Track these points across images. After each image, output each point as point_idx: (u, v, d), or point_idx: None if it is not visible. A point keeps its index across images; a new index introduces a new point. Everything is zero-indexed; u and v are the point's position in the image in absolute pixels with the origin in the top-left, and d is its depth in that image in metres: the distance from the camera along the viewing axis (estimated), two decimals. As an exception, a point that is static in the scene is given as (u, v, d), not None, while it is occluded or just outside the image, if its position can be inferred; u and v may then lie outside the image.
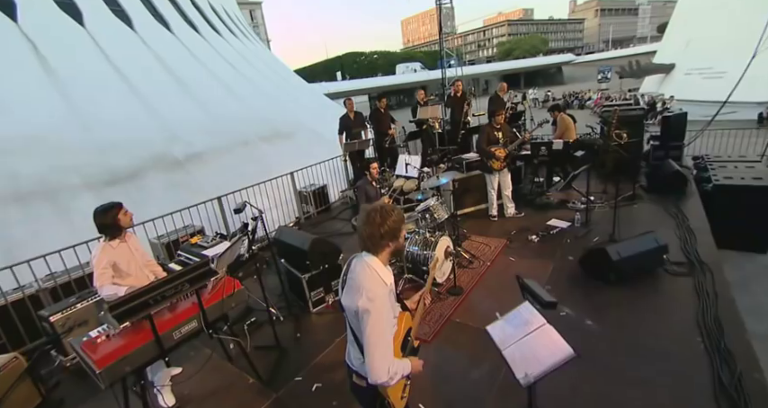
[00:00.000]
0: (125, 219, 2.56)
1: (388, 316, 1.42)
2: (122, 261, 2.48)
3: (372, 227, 1.43)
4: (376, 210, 1.46)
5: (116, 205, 2.57)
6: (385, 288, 1.43)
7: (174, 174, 8.28)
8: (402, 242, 1.55)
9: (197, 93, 10.73)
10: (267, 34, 61.99)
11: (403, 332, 1.55)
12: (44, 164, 6.73)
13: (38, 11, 8.67)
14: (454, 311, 3.38)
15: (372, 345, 1.34)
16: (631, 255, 3.34)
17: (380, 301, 1.37)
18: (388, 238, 1.46)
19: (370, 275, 1.43)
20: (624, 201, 5.24)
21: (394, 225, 1.45)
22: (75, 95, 8.05)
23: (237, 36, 15.42)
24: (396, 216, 1.47)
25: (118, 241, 2.51)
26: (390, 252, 1.50)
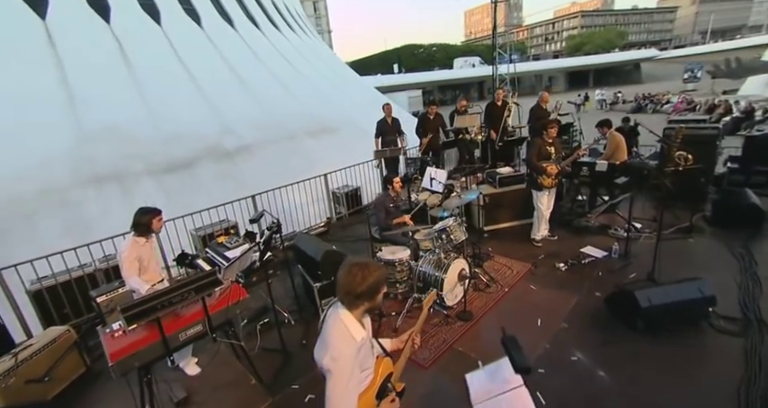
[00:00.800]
0: (158, 225, 2.89)
1: (354, 375, 1.40)
2: (145, 258, 2.80)
3: (351, 285, 1.42)
4: (359, 266, 1.45)
5: (156, 211, 2.92)
6: (353, 345, 1.42)
7: (223, 165, 8.91)
8: (379, 302, 1.52)
9: (253, 88, 11.34)
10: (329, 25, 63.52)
11: (380, 379, 1.55)
12: (117, 151, 7.61)
13: (126, 12, 9.68)
14: (459, 338, 3.30)
15: (331, 406, 1.34)
16: (666, 304, 3.00)
17: (344, 361, 1.37)
18: (366, 298, 1.44)
19: (340, 331, 1.42)
20: (678, 234, 4.70)
21: (374, 285, 1.44)
22: (149, 93, 8.93)
23: (295, 31, 15.96)
24: (378, 275, 1.46)
25: (145, 240, 2.81)
26: (366, 309, 1.49)
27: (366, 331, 1.53)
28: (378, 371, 1.57)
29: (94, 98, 8.03)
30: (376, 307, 1.53)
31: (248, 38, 12.58)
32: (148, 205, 2.96)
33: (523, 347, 3.03)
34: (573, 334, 3.20)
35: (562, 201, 5.86)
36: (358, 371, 1.43)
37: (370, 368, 1.55)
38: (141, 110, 8.54)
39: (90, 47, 8.73)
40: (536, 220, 4.82)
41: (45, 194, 6.72)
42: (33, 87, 7.62)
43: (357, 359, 1.42)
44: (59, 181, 6.92)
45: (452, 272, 3.55)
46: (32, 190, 6.71)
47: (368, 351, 1.53)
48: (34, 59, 8.05)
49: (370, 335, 1.57)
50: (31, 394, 2.96)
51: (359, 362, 1.44)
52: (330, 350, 1.37)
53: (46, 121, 7.41)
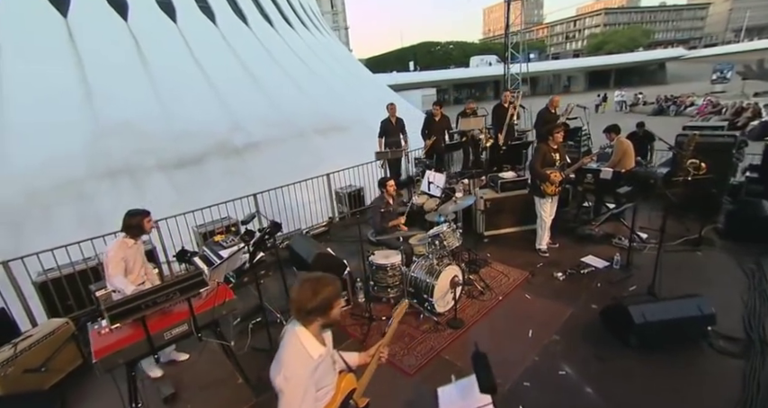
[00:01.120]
0: (148, 226, 2.93)
1: (308, 395, 1.38)
2: (131, 260, 2.85)
3: (302, 301, 1.41)
4: (310, 282, 1.44)
5: (145, 212, 2.94)
6: (309, 363, 1.40)
7: (231, 161, 9.06)
8: (334, 317, 1.49)
9: (265, 85, 11.46)
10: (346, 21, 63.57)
11: (341, 396, 1.54)
12: (130, 146, 7.82)
13: (143, 11, 9.91)
14: (447, 346, 3.27)
15: None
16: (661, 320, 2.89)
17: (296, 381, 1.35)
18: (317, 314, 1.43)
19: (295, 348, 1.41)
20: (685, 246, 4.53)
21: (325, 301, 1.43)
22: (163, 90, 9.14)
23: (309, 29, 16.03)
24: (329, 291, 1.44)
25: (133, 241, 2.86)
26: (321, 325, 1.48)
27: (327, 346, 1.52)
28: (339, 387, 1.56)
29: (111, 94, 8.27)
30: (332, 323, 1.51)
31: (262, 36, 12.71)
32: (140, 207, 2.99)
33: (511, 358, 3.02)
34: (564, 348, 3.13)
35: (567, 207, 5.73)
36: (313, 390, 1.41)
37: (330, 384, 1.53)
38: (155, 106, 8.76)
39: (108, 44, 8.98)
40: (539, 229, 4.70)
41: (62, 187, 6.97)
42: (55, 84, 7.89)
43: (312, 377, 1.41)
44: (76, 175, 7.16)
45: (444, 279, 3.51)
46: (50, 182, 6.97)
47: (327, 368, 1.52)
48: (56, 57, 8.33)
49: (330, 351, 1.56)
50: (29, 383, 3.08)
51: (315, 381, 1.43)
52: (283, 370, 1.36)
53: (66, 117, 7.67)
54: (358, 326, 3.62)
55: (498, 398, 2.56)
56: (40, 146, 7.13)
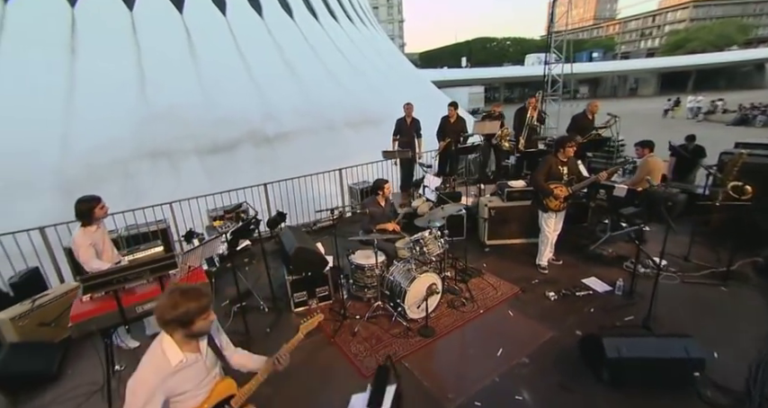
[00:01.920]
0: (100, 212, 3.07)
1: (153, 401, 1.41)
2: (99, 243, 3.06)
3: (161, 310, 1.45)
4: (178, 293, 1.47)
5: (95, 199, 3.07)
6: (163, 370, 1.45)
7: (262, 149, 9.52)
8: (198, 330, 1.51)
9: (302, 76, 11.81)
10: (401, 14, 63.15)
11: (214, 400, 1.60)
12: (172, 131, 8.51)
13: (197, 4, 10.62)
14: (410, 353, 3.23)
15: None
16: (639, 358, 2.64)
17: (140, 387, 1.40)
18: (175, 325, 1.46)
19: (153, 354, 1.47)
20: (711, 279, 4.04)
21: (183, 315, 1.44)
22: (207, 79, 9.79)
23: (354, 22, 16.15)
24: (192, 306, 1.45)
25: (95, 227, 3.07)
26: (184, 335, 1.50)
27: (199, 353, 1.56)
28: (212, 393, 1.60)
29: (161, 83, 9.02)
30: (197, 334, 1.53)
31: (305, 29, 13.06)
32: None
33: (472, 374, 2.94)
34: (530, 372, 2.97)
35: (586, 223, 5.33)
36: (161, 397, 1.44)
37: (196, 389, 1.56)
38: (198, 95, 9.41)
39: (164, 36, 9.77)
40: (541, 244, 4.44)
41: (111, 165, 7.80)
42: (118, 74, 8.77)
43: (165, 383, 1.45)
44: (123, 155, 7.96)
45: (419, 285, 3.46)
46: (103, 161, 7.81)
47: (195, 374, 1.55)
48: (120, 47, 9.24)
49: (204, 358, 1.60)
50: (42, 335, 3.54)
51: (169, 387, 1.46)
52: (136, 372, 1.43)
53: (123, 104, 8.52)
54: (332, 322, 3.70)
55: None
56: (100, 129, 8.00)
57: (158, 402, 1.43)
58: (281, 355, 1.83)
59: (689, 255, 4.40)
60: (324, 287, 3.96)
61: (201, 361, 1.58)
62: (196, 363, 1.55)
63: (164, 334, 1.50)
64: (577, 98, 50.84)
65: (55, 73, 8.25)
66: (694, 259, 4.43)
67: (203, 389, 1.59)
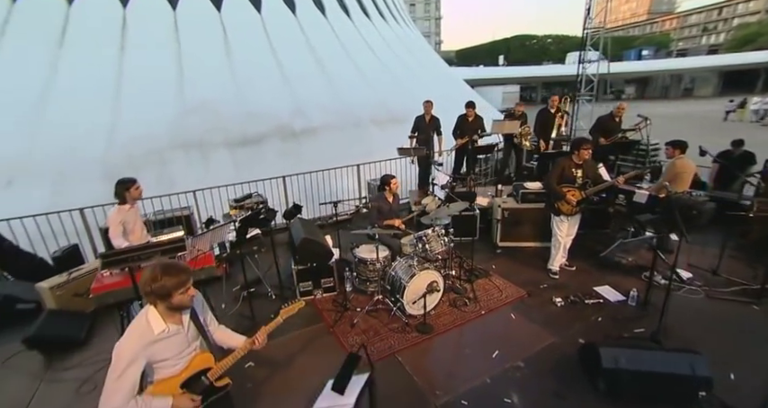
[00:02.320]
0: (135, 193, 3.34)
1: (134, 365, 1.53)
2: (129, 222, 3.32)
3: (143, 282, 1.57)
4: (160, 267, 1.58)
5: (131, 180, 3.34)
6: (146, 337, 1.56)
7: (288, 144, 9.83)
8: (177, 303, 1.61)
9: (331, 73, 12.05)
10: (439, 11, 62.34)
11: (191, 371, 1.72)
12: (204, 124, 9.00)
13: (234, 2, 11.12)
14: (405, 348, 3.26)
15: (104, 388, 1.51)
16: (638, 371, 2.52)
17: (122, 352, 1.52)
18: (155, 297, 1.58)
19: (138, 322, 1.60)
20: (742, 296, 3.75)
21: (162, 289, 1.55)
22: (240, 75, 10.25)
23: (386, 19, 16.20)
24: (169, 280, 1.55)
25: (128, 206, 3.34)
26: (166, 307, 1.62)
27: (181, 325, 1.68)
28: (190, 364, 1.72)
29: (197, 78, 9.56)
30: (177, 307, 1.64)
31: (337, 26, 13.28)
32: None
33: (463, 374, 2.93)
34: (524, 376, 2.91)
35: (607, 230, 5.10)
36: (142, 361, 1.56)
37: (176, 359, 1.67)
38: (231, 89, 9.88)
39: (203, 34, 10.33)
40: (553, 248, 4.30)
41: (149, 154, 8.39)
42: (158, 68, 9.40)
43: (145, 350, 1.56)
44: (160, 145, 8.54)
45: (419, 281, 3.47)
46: (142, 150, 8.42)
47: (173, 344, 1.66)
48: (163, 44, 9.88)
49: (186, 331, 1.71)
50: (76, 304, 3.91)
51: (150, 353, 1.58)
52: (121, 338, 1.57)
53: (162, 99, 9.13)
54: (333, 313, 3.80)
55: None
56: (140, 122, 8.63)
57: (140, 365, 1.56)
58: (259, 336, 1.93)
59: (718, 269, 4.09)
60: (329, 278, 4.06)
61: (183, 333, 1.70)
62: (177, 334, 1.68)
63: (149, 306, 1.64)
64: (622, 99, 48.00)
65: (106, 70, 8.98)
66: (725, 273, 4.12)
67: (183, 359, 1.72)
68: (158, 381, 1.68)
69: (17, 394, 2.97)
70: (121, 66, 8.99)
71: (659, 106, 34.13)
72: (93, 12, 9.27)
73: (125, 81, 8.86)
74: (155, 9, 9.90)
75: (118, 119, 8.36)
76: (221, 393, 1.85)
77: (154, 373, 1.68)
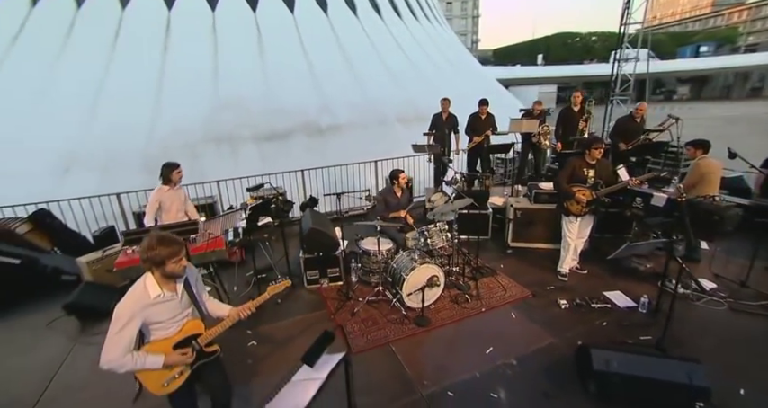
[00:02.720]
0: (176, 177, 3.71)
1: (131, 324, 1.72)
2: (166, 202, 3.66)
3: (141, 249, 1.77)
4: (155, 238, 1.76)
5: (175, 165, 3.74)
6: (142, 299, 1.75)
7: (313, 139, 10.13)
8: (170, 271, 1.78)
9: (359, 71, 12.26)
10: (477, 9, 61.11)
11: (183, 335, 1.90)
12: (235, 120, 9.49)
13: (269, 2, 11.60)
14: (400, 339, 3.33)
15: (105, 342, 1.70)
16: (631, 376, 2.44)
17: (121, 311, 1.71)
18: (150, 264, 1.76)
19: (137, 286, 1.79)
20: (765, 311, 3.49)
21: (155, 257, 1.73)
22: (271, 73, 10.69)
23: (418, 17, 16.19)
24: (162, 250, 1.72)
25: (168, 187, 3.67)
26: (161, 274, 1.79)
27: (174, 292, 1.85)
28: (183, 328, 1.90)
29: (231, 76, 10.10)
30: (170, 275, 1.81)
31: (367, 25, 13.47)
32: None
33: (453, 367, 2.98)
34: (515, 374, 2.89)
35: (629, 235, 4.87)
36: (138, 321, 1.75)
37: (170, 323, 1.86)
38: (261, 86, 10.33)
39: (238, 34, 10.87)
40: (563, 250, 4.19)
41: (184, 147, 8.97)
42: (196, 67, 10.03)
43: (143, 311, 1.75)
44: (194, 139, 9.11)
45: (418, 275, 3.53)
46: (178, 143, 9.03)
47: (167, 309, 1.84)
48: (202, 44, 10.51)
49: (179, 298, 1.88)
50: (108, 279, 4.28)
51: (144, 315, 1.77)
52: (121, 300, 1.76)
53: (198, 95, 9.73)
54: (336, 301, 3.93)
55: (415, 398, 2.65)
56: (177, 117, 9.25)
57: (136, 324, 1.76)
58: (245, 308, 2.08)
59: (747, 280, 3.81)
60: (335, 268, 4.20)
61: (176, 300, 1.88)
62: (171, 300, 1.87)
63: (148, 273, 1.83)
64: (674, 100, 44.68)
65: (150, 70, 9.71)
66: (757, 286, 3.83)
67: (176, 324, 1.90)
68: (153, 341, 1.87)
69: (56, 352, 3.36)
70: (163, 66, 9.70)
71: (717, 107, 31.60)
72: (142, 15, 10.04)
73: (166, 80, 9.54)
74: (195, 11, 10.55)
75: (158, 115, 9.03)
76: (210, 358, 2.02)
77: (150, 334, 1.87)
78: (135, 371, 1.80)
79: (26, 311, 4.07)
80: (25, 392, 2.93)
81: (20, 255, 4.33)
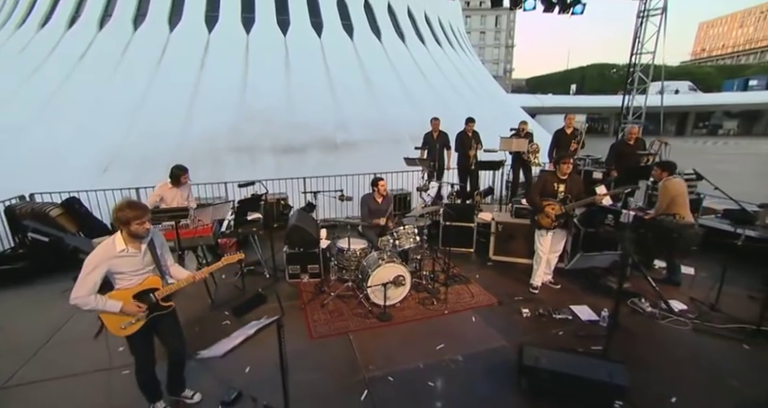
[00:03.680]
0: (183, 179, 4.17)
1: (97, 270, 2.08)
2: (167, 198, 4.11)
3: (114, 209, 2.15)
4: (123, 201, 2.15)
5: (184, 169, 4.21)
6: (109, 251, 2.12)
7: (328, 155, 10.70)
8: (134, 231, 2.14)
9: (379, 92, 12.92)
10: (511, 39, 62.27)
11: (141, 287, 2.25)
12: (257, 131, 10.27)
13: (298, 27, 12.68)
14: (360, 330, 3.54)
15: (75, 284, 2.08)
16: (556, 372, 2.53)
17: (91, 259, 2.09)
18: (119, 223, 2.13)
19: (106, 241, 2.17)
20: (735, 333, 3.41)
21: (122, 218, 2.09)
22: (295, 89, 11.55)
23: (442, 44, 16.92)
24: (127, 213, 2.09)
25: (170, 186, 4.15)
26: (127, 233, 2.15)
27: (137, 251, 2.21)
28: (143, 282, 2.25)
29: (258, 91, 11.02)
30: (134, 235, 2.16)
31: (390, 49, 14.28)
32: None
33: (400, 357, 3.19)
34: (458, 368, 3.01)
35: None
36: (103, 268, 2.11)
37: (129, 274, 2.21)
38: (284, 101, 11.16)
39: (268, 54, 11.92)
40: (535, 263, 4.28)
41: (209, 154, 9.79)
42: (228, 83, 11.06)
43: (108, 261, 2.11)
44: (219, 147, 9.93)
45: (383, 272, 3.73)
46: (205, 150, 9.87)
47: (130, 263, 2.19)
48: (235, 61, 11.60)
49: (141, 255, 2.23)
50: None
51: (109, 264, 2.12)
52: (92, 252, 2.14)
53: (227, 107, 10.67)
54: (311, 294, 4.21)
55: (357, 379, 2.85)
56: (207, 127, 10.18)
57: (102, 271, 2.13)
58: (199, 273, 2.42)
59: (717, 304, 3.74)
60: (315, 265, 4.51)
61: (139, 257, 2.25)
62: (134, 257, 2.23)
63: (118, 231, 2.22)
64: (719, 134, 42.62)
65: (186, 85, 10.82)
66: (728, 309, 3.74)
67: (137, 277, 2.26)
68: (117, 290, 2.24)
69: (62, 315, 3.82)
70: (198, 81, 10.78)
71: (765, 144, 29.96)
72: (186, 37, 11.31)
73: (199, 94, 10.58)
74: (232, 34, 11.75)
75: (188, 124, 9.99)
76: (165, 311, 2.36)
77: (115, 283, 2.25)
78: (97, 311, 2.17)
79: (48, 280, 4.62)
80: (32, 340, 3.41)
81: (49, 234, 4.97)
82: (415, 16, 15.76)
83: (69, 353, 3.26)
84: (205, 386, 2.77)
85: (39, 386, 2.86)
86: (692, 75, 50.55)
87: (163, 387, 2.56)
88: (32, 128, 10.25)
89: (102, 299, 2.13)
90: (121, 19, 11.91)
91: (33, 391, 2.83)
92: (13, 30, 12.92)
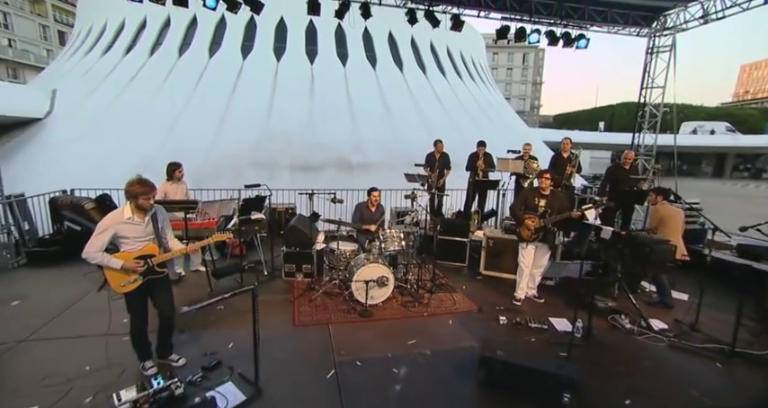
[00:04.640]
0: (177, 175, 4.67)
1: (106, 232, 2.49)
2: (169, 193, 4.58)
3: (126, 183, 2.56)
4: (136, 178, 2.55)
5: (177, 164, 4.73)
6: (118, 218, 2.54)
7: (342, 174, 11.25)
8: (140, 205, 2.55)
9: (397, 118, 13.62)
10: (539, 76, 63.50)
11: (141, 252, 2.62)
12: (277, 149, 11.02)
13: (325, 57, 13.77)
14: (340, 323, 3.76)
15: (90, 239, 2.49)
16: (510, 363, 2.66)
17: (102, 223, 2.52)
18: (128, 196, 2.55)
19: (116, 210, 2.61)
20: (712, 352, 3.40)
21: (131, 192, 2.52)
22: (317, 112, 12.41)
23: (462, 77, 17.70)
24: (137, 189, 2.51)
25: (169, 183, 4.64)
26: (135, 205, 2.57)
27: (142, 220, 2.60)
28: (143, 248, 2.64)
29: (282, 112, 11.92)
30: (140, 207, 2.57)
31: (411, 79, 15.15)
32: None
33: (372, 348, 3.39)
34: (425, 361, 3.16)
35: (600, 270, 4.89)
36: (111, 231, 2.51)
37: (132, 240, 2.59)
38: (306, 123, 11.98)
39: (295, 80, 12.97)
40: (518, 276, 4.40)
41: (230, 168, 10.57)
42: (255, 102, 12.06)
43: (115, 225, 2.52)
44: (240, 163, 10.70)
45: (367, 271, 3.98)
46: (227, 164, 10.67)
47: (134, 229, 2.58)
48: (263, 86, 12.68)
49: (144, 225, 2.62)
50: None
51: (116, 228, 2.52)
52: (104, 217, 2.57)
53: (253, 127, 11.59)
54: (301, 290, 4.48)
55: (328, 361, 3.08)
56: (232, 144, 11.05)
57: (110, 233, 2.54)
58: (192, 246, 2.80)
59: (697, 324, 3.71)
60: (309, 265, 4.81)
61: (142, 226, 2.66)
62: (138, 225, 2.64)
63: (128, 202, 2.64)
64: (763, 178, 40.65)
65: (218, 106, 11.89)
66: (712, 331, 3.70)
67: (138, 243, 2.66)
68: (121, 252, 2.64)
69: (80, 292, 4.26)
70: (229, 103, 11.84)
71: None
72: (223, 63, 12.57)
73: (228, 114, 11.59)
74: (264, 61, 12.93)
75: (216, 141, 10.92)
76: (159, 275, 2.73)
77: (120, 246, 2.65)
78: (103, 266, 2.55)
79: (74, 263, 5.09)
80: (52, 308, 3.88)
81: (81, 224, 5.58)
82: (437, 49, 16.73)
83: (81, 320, 3.66)
84: (190, 354, 3.07)
85: (54, 343, 3.28)
86: (733, 116, 49.25)
87: (153, 349, 2.88)
88: (80, 142, 11.48)
89: (108, 256, 2.53)
90: (170, 47, 13.43)
91: (49, 345, 3.24)
92: (81, 56, 14.79)
